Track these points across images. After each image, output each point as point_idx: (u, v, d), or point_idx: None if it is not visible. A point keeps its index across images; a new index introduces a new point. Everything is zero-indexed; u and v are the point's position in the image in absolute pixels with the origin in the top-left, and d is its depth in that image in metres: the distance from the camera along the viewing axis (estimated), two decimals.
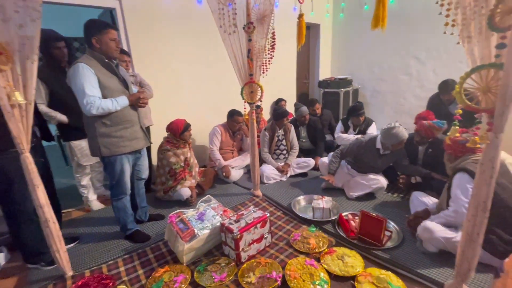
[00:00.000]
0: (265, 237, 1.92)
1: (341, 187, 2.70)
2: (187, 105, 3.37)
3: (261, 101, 2.45)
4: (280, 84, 4.38)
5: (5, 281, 1.79)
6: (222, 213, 2.07)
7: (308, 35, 4.82)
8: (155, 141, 2.33)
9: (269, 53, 2.33)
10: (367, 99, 4.80)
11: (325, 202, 2.25)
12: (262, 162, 3.15)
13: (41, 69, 2.11)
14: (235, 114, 3.09)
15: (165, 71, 3.11)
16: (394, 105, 4.48)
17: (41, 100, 2.16)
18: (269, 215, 1.94)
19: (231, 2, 2.09)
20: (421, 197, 2.19)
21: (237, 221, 1.83)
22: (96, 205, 2.63)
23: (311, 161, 3.19)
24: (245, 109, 2.51)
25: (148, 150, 2.68)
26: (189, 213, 1.99)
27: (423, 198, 2.17)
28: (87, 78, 1.62)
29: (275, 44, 2.31)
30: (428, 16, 3.74)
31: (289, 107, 4.44)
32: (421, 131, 2.37)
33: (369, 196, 2.57)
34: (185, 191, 2.56)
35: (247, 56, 2.25)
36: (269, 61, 2.35)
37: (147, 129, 2.41)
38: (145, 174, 2.16)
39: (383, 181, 2.55)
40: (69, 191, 3.04)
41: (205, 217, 1.97)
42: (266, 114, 4.33)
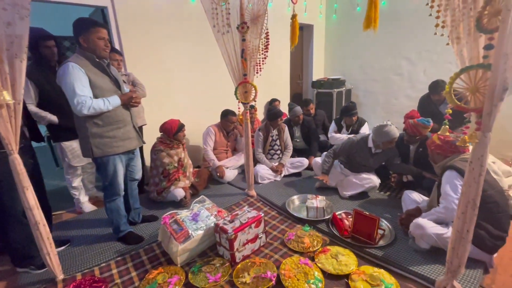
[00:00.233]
0: (259, 237, 1.92)
1: (334, 186, 2.73)
2: (181, 104, 3.35)
3: (255, 101, 2.45)
4: (274, 84, 4.40)
5: None
6: (216, 213, 2.07)
7: (301, 36, 4.85)
8: (147, 141, 2.31)
9: (263, 53, 2.33)
10: (359, 99, 4.85)
11: (319, 201, 2.26)
12: (256, 162, 3.16)
13: (31, 69, 2.08)
14: (229, 114, 3.08)
15: (158, 70, 3.08)
16: (386, 105, 4.54)
17: (31, 100, 2.12)
18: (263, 215, 1.94)
19: (225, 1, 2.08)
20: (413, 195, 2.22)
21: (231, 221, 1.82)
22: (87, 207, 2.59)
23: (305, 161, 3.21)
24: (239, 109, 2.50)
25: (140, 150, 2.65)
26: (183, 214, 1.98)
27: (415, 196, 2.21)
28: (77, 77, 1.59)
29: (268, 44, 2.31)
30: (418, 17, 3.80)
31: (283, 107, 4.46)
32: (408, 130, 2.44)
33: (362, 195, 2.60)
34: (179, 192, 2.54)
35: (241, 56, 2.25)
36: (263, 61, 2.36)
37: (140, 129, 2.38)
38: (138, 175, 2.14)
39: (375, 180, 2.59)
40: (60, 193, 2.99)
41: (199, 218, 1.96)
42: (260, 114, 4.33)
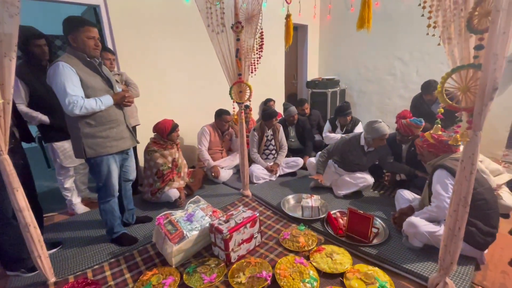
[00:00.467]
0: (254, 236, 1.92)
1: (329, 186, 2.74)
2: (175, 104, 3.32)
3: (250, 101, 2.45)
4: (268, 84, 4.40)
5: None
6: (211, 213, 2.06)
7: (296, 36, 4.87)
8: (141, 141, 2.28)
9: (257, 53, 2.33)
10: (353, 99, 4.89)
11: (314, 200, 2.27)
12: (251, 162, 3.15)
13: (21, 68, 2.04)
14: (223, 113, 3.07)
15: (152, 70, 3.05)
16: (379, 105, 4.59)
17: (21, 100, 2.08)
18: (258, 214, 1.94)
19: (219, 1, 2.07)
20: (405, 194, 2.25)
21: (226, 222, 1.82)
22: (80, 208, 2.55)
23: (300, 161, 3.22)
24: (234, 109, 2.50)
25: (134, 150, 2.63)
26: (178, 214, 1.96)
27: (407, 195, 2.24)
28: (68, 77, 1.56)
29: (263, 44, 2.31)
30: (411, 18, 3.86)
31: (278, 107, 4.47)
32: (400, 130, 2.48)
33: (357, 194, 2.63)
34: (174, 193, 2.52)
35: (235, 55, 2.24)
36: (257, 61, 2.36)
37: (133, 129, 2.35)
38: (132, 175, 2.12)
39: (369, 179, 2.61)
40: (51, 194, 2.94)
41: (194, 218, 1.95)
42: (255, 114, 4.33)
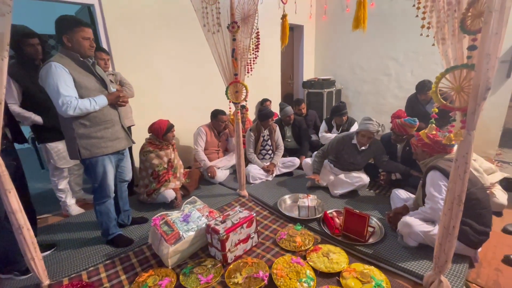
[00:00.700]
0: (251, 237, 1.91)
1: (325, 185, 2.76)
2: (170, 104, 3.30)
3: (246, 101, 2.44)
4: (265, 84, 4.40)
5: None
6: (207, 214, 2.05)
7: (292, 36, 4.88)
8: (136, 142, 2.26)
9: (253, 53, 2.33)
10: (349, 99, 4.92)
11: (310, 200, 2.28)
12: (248, 162, 3.15)
13: (13, 67, 2.01)
14: (219, 113, 3.06)
15: (147, 70, 3.03)
16: (374, 105, 4.62)
17: (13, 100, 2.05)
18: (255, 214, 1.94)
19: (215, 1, 2.07)
20: (400, 193, 2.28)
21: (223, 222, 1.81)
22: (74, 210, 2.52)
23: (296, 161, 3.23)
24: (230, 109, 2.49)
25: (130, 151, 2.60)
26: (174, 215, 1.95)
27: (402, 194, 2.27)
28: (61, 77, 1.53)
29: (259, 44, 2.31)
30: (405, 19, 3.89)
31: (274, 107, 4.47)
32: (395, 129, 2.52)
33: (353, 193, 2.64)
34: (170, 193, 2.50)
35: (231, 55, 2.24)
36: (253, 61, 2.35)
37: (128, 129, 2.33)
38: (128, 176, 2.10)
39: (365, 178, 2.63)
40: (45, 196, 2.90)
41: (191, 219, 1.94)
42: (251, 114, 4.33)
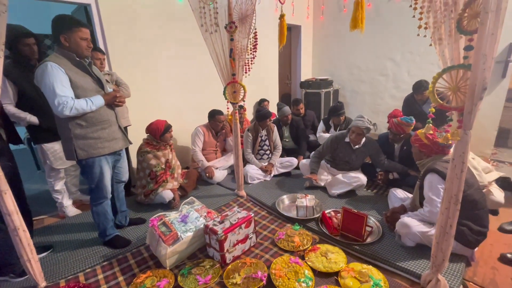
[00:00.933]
0: (249, 237, 1.91)
1: (323, 185, 2.76)
2: (168, 105, 3.29)
3: (244, 101, 2.44)
4: (262, 84, 4.40)
5: None
6: (206, 214, 2.04)
7: (289, 37, 4.89)
8: (133, 143, 2.25)
9: (251, 53, 2.33)
10: (347, 99, 4.94)
11: (308, 200, 2.28)
12: (246, 162, 3.15)
13: (9, 67, 1.99)
14: (216, 113, 3.06)
15: (144, 69, 3.01)
16: (372, 105, 4.64)
17: (9, 100, 2.02)
18: (253, 215, 1.94)
19: (212, 1, 2.06)
20: (398, 193, 2.29)
21: (221, 222, 1.81)
22: (71, 211, 2.50)
23: (294, 161, 3.23)
24: (228, 109, 2.49)
25: (127, 151, 2.59)
26: (172, 216, 1.94)
27: (400, 193, 2.27)
28: (57, 77, 1.52)
29: (257, 44, 2.31)
30: (402, 20, 3.92)
31: (272, 107, 4.47)
32: (392, 128, 2.54)
33: (350, 193, 2.65)
34: (167, 194, 2.49)
35: (229, 55, 2.23)
36: (251, 61, 2.35)
37: (124, 130, 2.32)
38: (125, 176, 2.09)
39: (363, 178, 2.64)
40: (41, 197, 2.87)
41: (189, 219, 1.93)
42: (249, 114, 4.33)
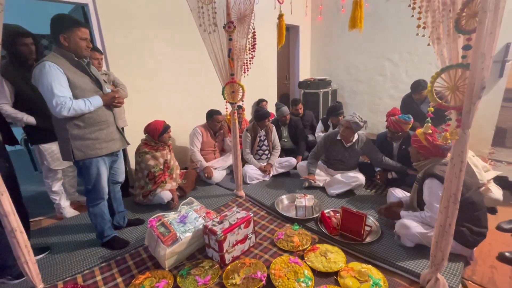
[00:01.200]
0: (249, 237, 1.91)
1: (322, 186, 2.76)
2: (166, 105, 3.28)
3: (243, 101, 2.44)
4: (261, 84, 4.40)
5: None
6: (205, 215, 2.04)
7: (287, 37, 4.89)
8: (131, 143, 2.24)
9: (250, 53, 2.32)
10: (345, 99, 4.95)
11: (307, 200, 2.28)
12: (244, 162, 3.14)
13: (6, 67, 1.98)
14: (214, 114, 3.05)
15: (141, 69, 3.00)
16: (370, 105, 4.66)
17: (5, 100, 2.01)
18: (252, 215, 1.93)
19: (211, 1, 2.06)
20: (397, 192, 2.29)
21: (220, 223, 1.80)
22: (69, 212, 2.48)
23: (293, 161, 3.23)
24: (226, 109, 2.48)
25: (123, 152, 2.58)
26: (171, 216, 1.94)
27: (398, 193, 2.28)
28: (55, 77, 1.51)
29: (255, 44, 2.31)
30: (400, 19, 3.94)
31: (270, 107, 4.47)
32: (390, 127, 2.55)
33: (349, 193, 2.65)
34: (166, 194, 2.48)
35: (228, 55, 2.23)
36: (250, 61, 2.35)
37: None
38: (121, 177, 2.07)
39: (361, 178, 2.64)
40: (39, 198, 2.86)
41: (187, 220, 1.93)
42: (247, 114, 4.32)
